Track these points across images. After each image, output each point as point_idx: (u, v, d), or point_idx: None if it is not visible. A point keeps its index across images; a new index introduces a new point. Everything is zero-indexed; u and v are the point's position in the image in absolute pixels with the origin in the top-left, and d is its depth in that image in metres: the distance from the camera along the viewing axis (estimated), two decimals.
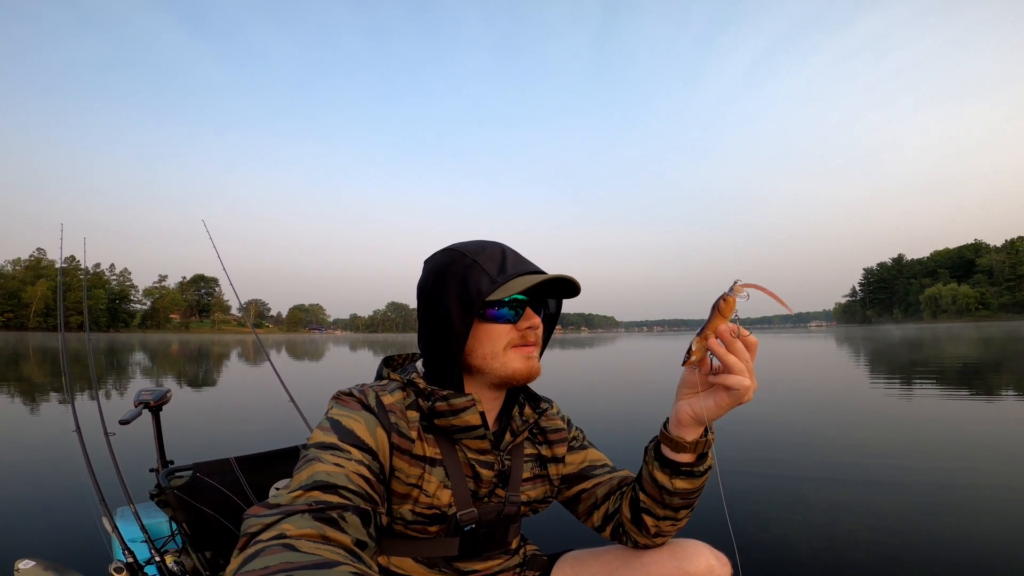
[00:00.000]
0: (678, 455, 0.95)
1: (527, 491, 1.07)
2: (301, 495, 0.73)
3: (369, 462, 0.84)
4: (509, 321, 0.97)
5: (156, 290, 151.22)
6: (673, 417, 0.95)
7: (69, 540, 2.72)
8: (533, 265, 0.99)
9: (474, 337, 0.96)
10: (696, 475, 0.97)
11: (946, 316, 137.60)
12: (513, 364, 0.96)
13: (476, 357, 0.97)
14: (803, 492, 3.41)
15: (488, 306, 0.95)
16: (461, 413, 0.94)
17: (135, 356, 23.31)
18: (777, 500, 3.26)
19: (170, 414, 1.90)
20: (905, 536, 2.70)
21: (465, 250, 0.98)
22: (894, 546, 2.58)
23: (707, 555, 1.01)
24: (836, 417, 6.34)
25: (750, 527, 2.84)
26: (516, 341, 0.97)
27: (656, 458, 0.98)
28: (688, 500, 0.99)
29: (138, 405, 1.97)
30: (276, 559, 0.59)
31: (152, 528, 1.76)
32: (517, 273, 0.95)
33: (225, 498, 1.53)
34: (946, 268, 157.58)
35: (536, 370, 0.99)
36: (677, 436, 0.95)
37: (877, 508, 3.11)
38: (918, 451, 4.55)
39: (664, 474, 0.97)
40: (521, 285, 0.93)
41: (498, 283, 0.93)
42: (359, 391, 0.94)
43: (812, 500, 3.25)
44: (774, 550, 2.55)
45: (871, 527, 2.81)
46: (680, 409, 0.93)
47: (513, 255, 0.99)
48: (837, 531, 2.77)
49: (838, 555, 2.49)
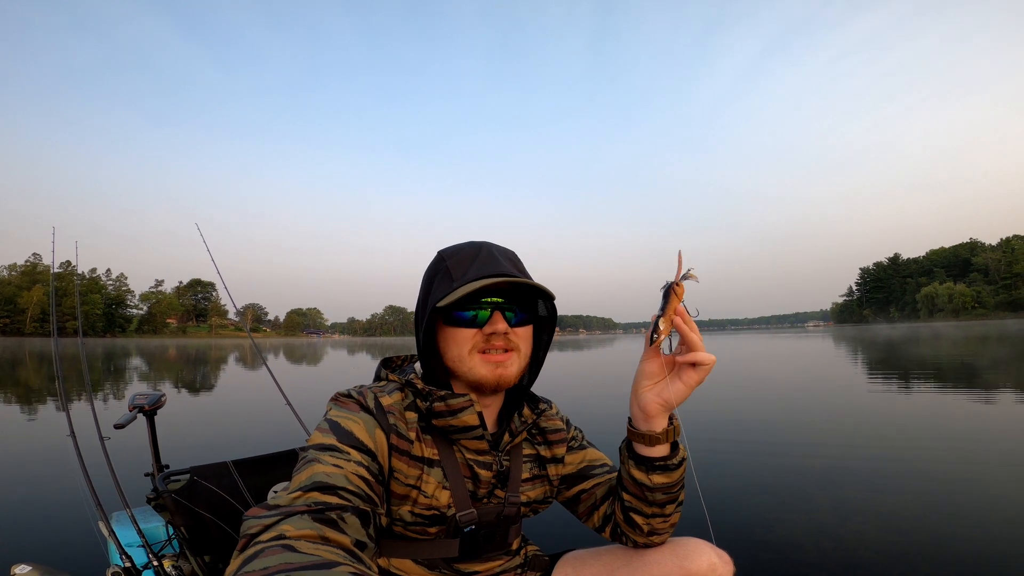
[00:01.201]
0: (652, 449, 0.97)
1: (526, 492, 1.07)
2: (300, 496, 0.73)
3: (368, 463, 0.84)
4: (471, 325, 0.96)
5: (153, 295, 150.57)
6: (638, 412, 0.97)
7: (65, 545, 2.70)
8: (505, 267, 0.96)
9: (443, 341, 0.98)
10: (671, 468, 0.98)
11: (942, 315, 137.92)
12: (478, 370, 0.95)
13: (447, 360, 0.98)
14: (809, 492, 3.39)
15: (452, 309, 0.95)
16: (459, 413, 0.94)
17: (132, 361, 23.19)
18: (782, 501, 3.23)
19: (166, 418, 1.88)
20: (914, 535, 2.68)
21: (444, 253, 1.00)
22: (903, 545, 2.56)
23: (709, 553, 1.01)
24: (838, 417, 6.33)
25: (756, 528, 2.81)
26: (481, 345, 0.96)
27: (630, 456, 1.00)
28: (671, 494, 1.00)
29: (133, 409, 1.96)
30: (275, 560, 0.59)
31: (149, 533, 1.74)
32: (474, 277, 0.93)
33: (223, 502, 1.51)
34: (942, 267, 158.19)
35: (505, 377, 0.96)
36: (647, 430, 0.97)
37: (885, 508, 3.09)
38: (924, 450, 4.53)
39: (641, 471, 0.98)
40: (471, 288, 0.90)
41: (453, 287, 0.93)
42: (358, 392, 0.94)
43: (818, 500, 3.23)
44: (781, 551, 2.53)
45: (880, 527, 2.79)
46: (647, 401, 0.95)
47: (487, 257, 0.97)
48: (845, 531, 2.74)
49: (847, 555, 2.47)
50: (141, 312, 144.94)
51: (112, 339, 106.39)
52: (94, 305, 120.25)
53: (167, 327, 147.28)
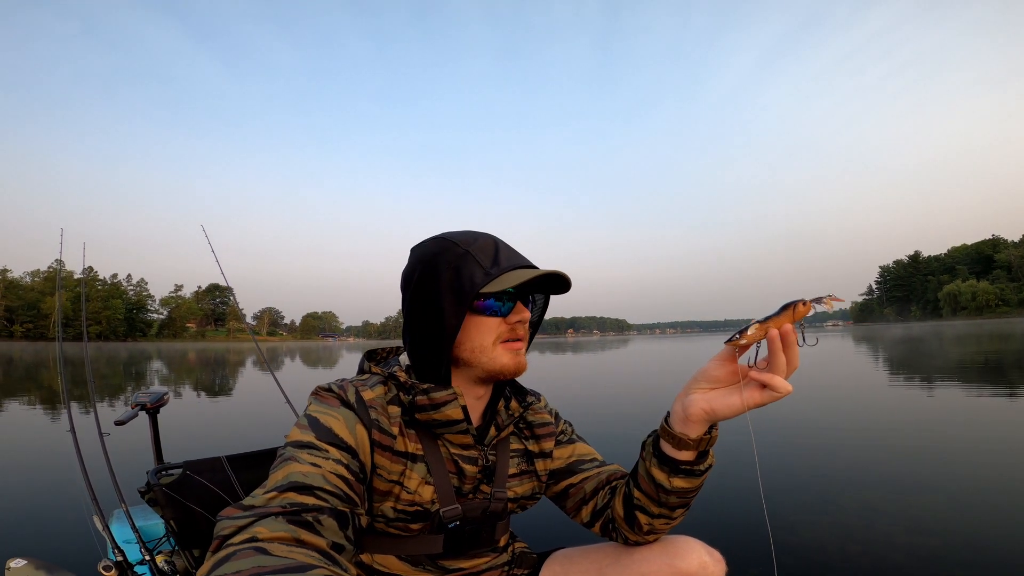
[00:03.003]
0: (679, 452, 0.89)
1: (514, 487, 1.04)
2: (276, 496, 0.71)
3: (348, 461, 0.81)
4: (499, 315, 0.94)
5: (172, 300, 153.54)
6: (680, 411, 0.87)
7: (61, 540, 2.72)
8: (524, 259, 0.97)
9: (463, 330, 0.93)
10: (696, 474, 0.90)
11: (965, 313, 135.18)
12: (501, 359, 0.94)
13: (465, 350, 0.94)
14: (831, 493, 3.27)
15: (479, 299, 0.92)
16: (442, 407, 0.91)
17: (153, 364, 23.59)
18: (805, 503, 3.12)
19: (171, 418, 1.88)
20: (947, 537, 2.55)
21: (457, 239, 0.95)
22: (935, 548, 2.44)
23: (700, 552, 0.96)
24: (859, 416, 6.17)
25: (777, 531, 2.72)
26: (505, 335, 0.95)
27: (655, 454, 0.92)
28: (685, 499, 0.94)
29: (135, 407, 1.96)
30: (248, 563, 0.57)
31: (147, 530, 1.75)
32: (511, 267, 0.92)
33: (216, 496, 1.50)
34: (964, 264, 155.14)
35: (523, 365, 0.97)
36: (680, 432, 0.87)
37: (914, 509, 2.96)
38: (954, 450, 4.38)
39: (662, 472, 0.91)
40: (516, 279, 0.89)
41: (492, 275, 0.90)
42: (338, 386, 0.91)
43: (842, 502, 3.10)
44: (805, 555, 2.42)
45: (909, 528, 2.67)
46: (693, 403, 0.85)
47: (505, 248, 0.97)
48: (873, 534, 2.63)
49: (876, 559, 2.36)
50: (161, 317, 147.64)
51: (133, 343, 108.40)
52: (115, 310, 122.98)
53: (187, 331, 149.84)
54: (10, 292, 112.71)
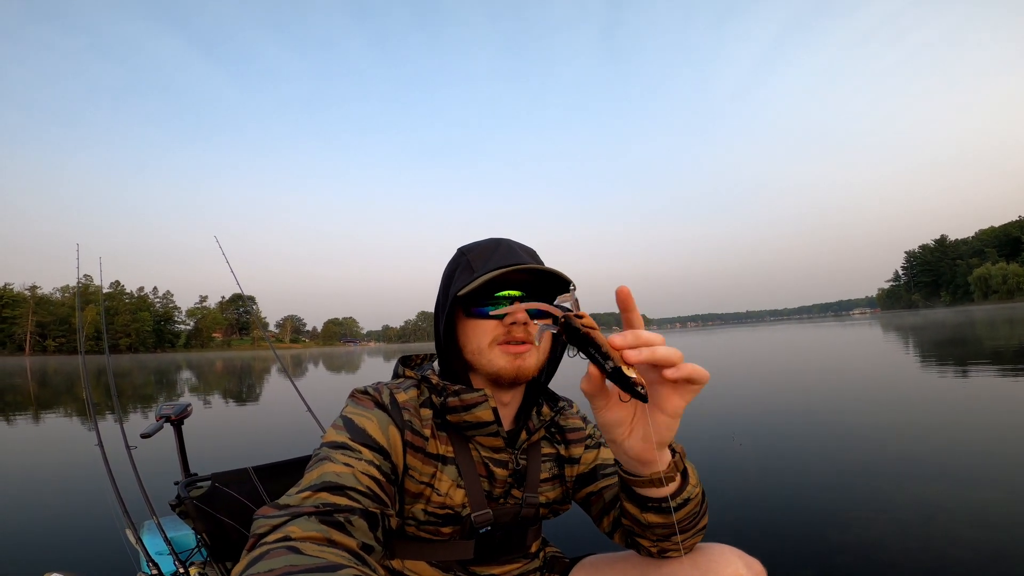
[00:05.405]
0: (658, 490, 0.80)
1: (545, 492, 1.03)
2: (310, 496, 0.73)
3: (380, 462, 0.83)
4: (486, 316, 0.94)
5: (198, 310, 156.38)
6: (630, 461, 0.78)
7: (95, 553, 2.74)
8: (522, 259, 0.94)
9: (464, 334, 0.96)
10: (668, 510, 0.81)
11: (997, 296, 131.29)
12: (498, 361, 0.92)
13: (467, 353, 0.96)
14: (883, 489, 3.14)
15: (474, 302, 0.93)
16: (473, 408, 0.91)
17: (182, 374, 24.06)
18: (855, 500, 2.99)
19: (196, 428, 1.88)
20: (1014, 531, 2.43)
21: (465, 248, 0.99)
22: (1000, 543, 2.33)
23: (735, 562, 0.87)
24: (907, 407, 5.99)
25: (828, 529, 2.60)
26: (502, 337, 0.93)
27: (623, 490, 0.86)
28: (672, 529, 0.85)
29: (159, 419, 1.97)
30: (280, 562, 0.58)
31: (178, 541, 1.75)
32: (496, 267, 0.91)
33: (244, 507, 1.48)
34: (993, 247, 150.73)
35: (524, 368, 0.92)
36: (651, 474, 0.78)
37: (976, 502, 2.82)
38: (1015, 440, 4.21)
39: (634, 507, 0.85)
40: (488, 277, 0.89)
41: (473, 278, 0.90)
42: (374, 389, 0.94)
43: (896, 497, 2.97)
44: (859, 553, 2.32)
45: (971, 523, 2.55)
46: (633, 448, 0.75)
47: (506, 250, 0.96)
48: (933, 530, 2.51)
49: (936, 555, 2.25)
50: (188, 327, 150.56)
51: (163, 354, 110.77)
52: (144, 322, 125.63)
53: (213, 341, 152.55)
54: (41, 307, 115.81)
